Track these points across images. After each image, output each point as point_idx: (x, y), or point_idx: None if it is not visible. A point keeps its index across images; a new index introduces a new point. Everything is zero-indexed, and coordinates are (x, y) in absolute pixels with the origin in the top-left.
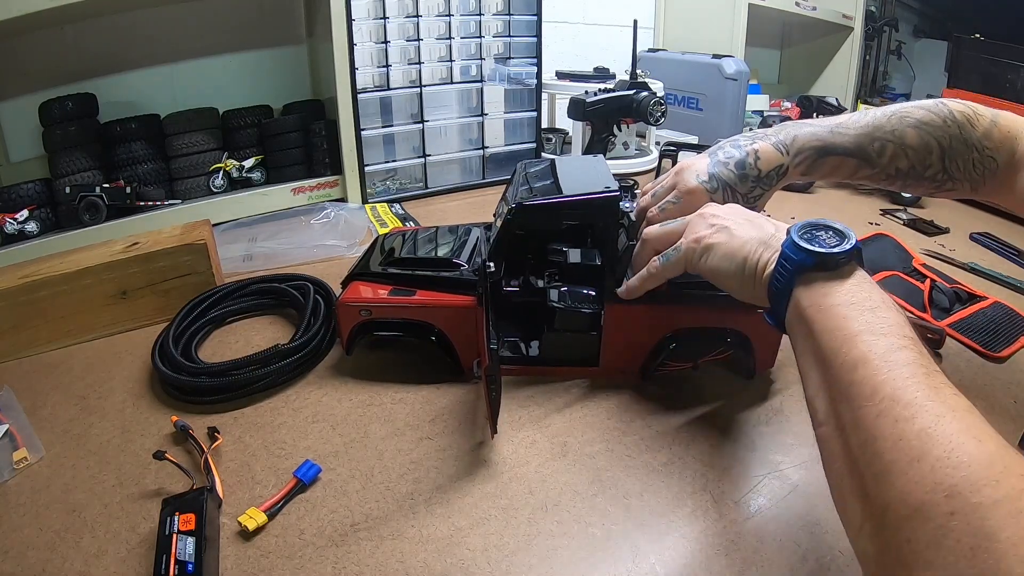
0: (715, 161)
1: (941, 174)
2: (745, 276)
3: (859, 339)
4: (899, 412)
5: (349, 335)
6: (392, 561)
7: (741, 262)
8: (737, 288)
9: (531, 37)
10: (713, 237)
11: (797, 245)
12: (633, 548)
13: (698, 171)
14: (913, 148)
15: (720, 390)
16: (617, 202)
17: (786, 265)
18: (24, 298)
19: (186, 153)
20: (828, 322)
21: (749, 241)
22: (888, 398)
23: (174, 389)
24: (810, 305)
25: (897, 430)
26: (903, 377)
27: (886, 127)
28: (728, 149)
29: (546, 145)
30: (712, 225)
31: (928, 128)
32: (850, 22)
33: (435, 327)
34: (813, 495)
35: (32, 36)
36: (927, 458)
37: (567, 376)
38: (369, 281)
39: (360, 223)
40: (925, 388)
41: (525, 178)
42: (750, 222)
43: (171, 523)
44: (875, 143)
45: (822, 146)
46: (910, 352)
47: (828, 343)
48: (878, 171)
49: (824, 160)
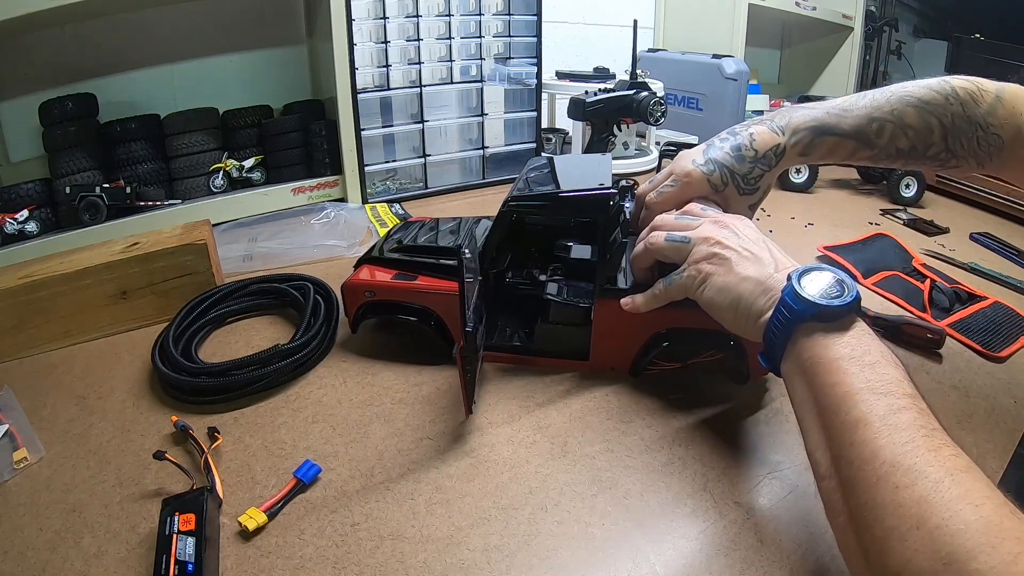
0: (712, 147)
1: (944, 153)
2: (739, 315)
3: (859, 398)
4: (899, 479)
5: (355, 314)
6: (392, 561)
7: (735, 300)
8: (731, 324)
9: (531, 37)
10: (711, 267)
11: (798, 295)
12: (633, 548)
13: (694, 156)
14: (913, 128)
15: (720, 391)
16: (610, 200)
17: (786, 314)
18: (24, 298)
19: (186, 153)
20: (828, 376)
21: (747, 280)
22: (888, 463)
23: (174, 389)
24: (809, 358)
25: (897, 497)
26: (902, 442)
27: (885, 107)
28: (724, 135)
29: (546, 145)
30: (713, 254)
31: (929, 107)
32: (850, 22)
33: (434, 312)
34: (813, 495)
35: (32, 36)
36: (925, 526)
37: (558, 368)
38: (378, 265)
39: (360, 223)
40: (924, 452)
41: (528, 173)
42: (752, 257)
43: (171, 523)
44: (873, 124)
45: (818, 126)
46: (910, 413)
47: (828, 399)
48: (877, 152)
49: (821, 140)
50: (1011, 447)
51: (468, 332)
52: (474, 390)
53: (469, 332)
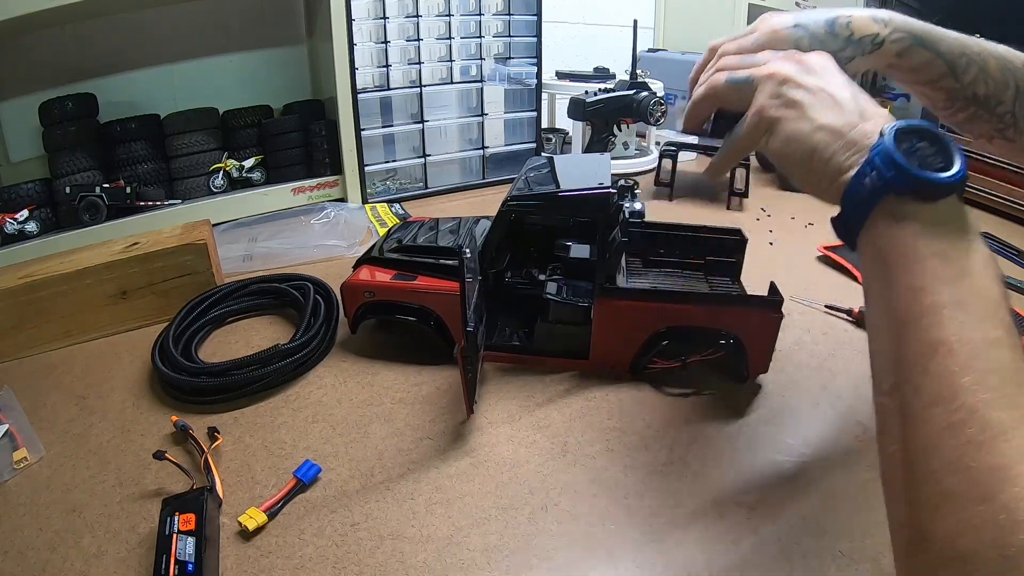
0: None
1: (1009, 115)
2: (812, 172)
3: (946, 315)
4: (974, 434)
5: (354, 314)
6: (392, 561)
7: (807, 153)
8: (802, 182)
9: (531, 37)
10: (778, 111)
11: (890, 158)
12: (633, 548)
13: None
14: (993, 78)
15: (721, 390)
16: (609, 199)
17: (873, 179)
18: (24, 298)
19: (186, 153)
20: (911, 277)
21: (824, 129)
22: (967, 409)
23: (174, 389)
24: (893, 246)
25: (967, 456)
26: (991, 387)
27: (974, 48)
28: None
29: (546, 145)
30: (780, 95)
31: (1009, 66)
32: None
33: (434, 312)
34: (814, 495)
35: (32, 36)
36: (993, 502)
37: (557, 367)
38: (377, 265)
39: (360, 223)
40: (1013, 410)
41: (527, 173)
42: (832, 99)
43: (171, 523)
44: (963, 58)
45: (921, 34)
46: (1006, 351)
47: (907, 307)
48: (959, 88)
49: (919, 51)
50: None
51: (469, 332)
52: (475, 390)
53: (470, 332)
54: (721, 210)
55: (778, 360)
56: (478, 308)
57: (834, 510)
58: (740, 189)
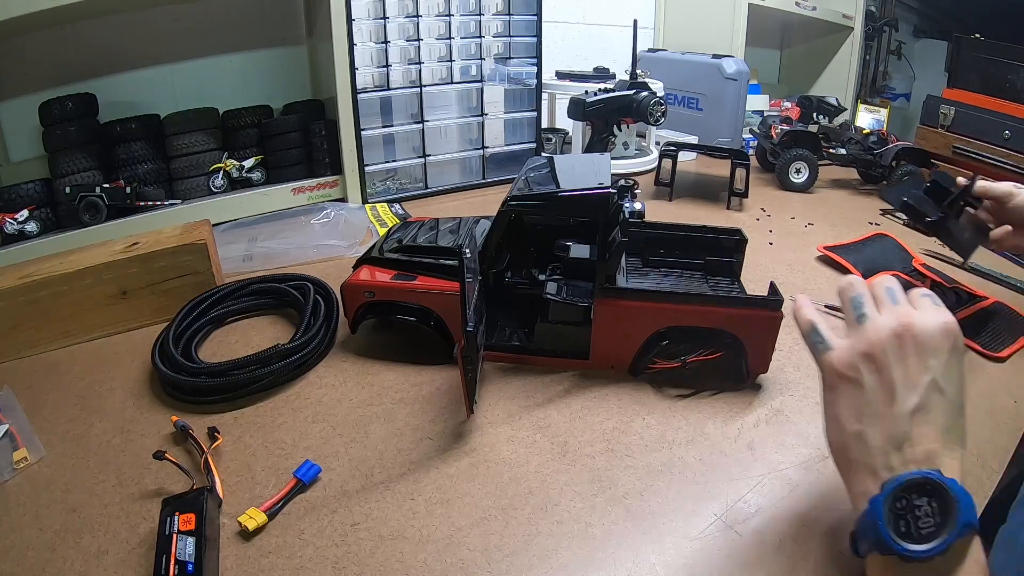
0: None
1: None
2: (837, 463)
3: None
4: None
5: (354, 314)
6: (392, 561)
7: (841, 445)
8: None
9: (531, 37)
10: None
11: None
12: (633, 548)
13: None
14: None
15: (720, 390)
16: (609, 199)
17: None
18: (24, 298)
19: (186, 153)
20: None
21: (860, 437)
22: None
23: (174, 389)
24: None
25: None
26: None
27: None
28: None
29: (546, 145)
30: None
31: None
32: (850, 22)
33: (434, 312)
34: (813, 495)
35: (32, 36)
36: None
37: (558, 367)
38: (377, 265)
39: (360, 223)
40: None
41: (527, 172)
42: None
43: (171, 523)
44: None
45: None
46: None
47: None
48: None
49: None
50: (1011, 447)
51: (469, 332)
52: (475, 390)
53: (470, 332)
54: (721, 210)
55: (778, 360)
56: (478, 308)
57: (834, 510)
58: (740, 189)
